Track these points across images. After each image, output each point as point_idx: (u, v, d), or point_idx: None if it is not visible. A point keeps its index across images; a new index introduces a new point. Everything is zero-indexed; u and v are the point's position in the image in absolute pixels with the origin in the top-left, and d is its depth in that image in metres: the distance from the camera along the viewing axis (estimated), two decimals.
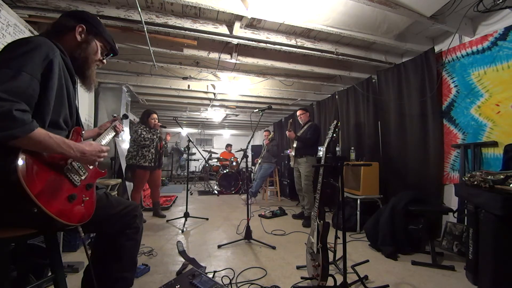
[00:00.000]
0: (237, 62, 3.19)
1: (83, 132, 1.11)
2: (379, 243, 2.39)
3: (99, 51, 1.15)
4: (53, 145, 0.84)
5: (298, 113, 3.74)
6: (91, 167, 1.07)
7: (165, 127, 3.59)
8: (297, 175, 3.56)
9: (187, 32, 2.49)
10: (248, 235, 2.60)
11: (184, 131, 4.19)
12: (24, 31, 2.18)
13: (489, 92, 2.30)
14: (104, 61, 1.19)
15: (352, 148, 3.73)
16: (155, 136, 3.37)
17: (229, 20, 2.54)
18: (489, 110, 2.30)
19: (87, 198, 1.01)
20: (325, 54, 2.99)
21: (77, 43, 1.06)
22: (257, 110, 2.87)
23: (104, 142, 1.30)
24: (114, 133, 1.43)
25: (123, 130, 1.53)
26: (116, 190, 3.54)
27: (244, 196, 5.26)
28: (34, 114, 0.83)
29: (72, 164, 0.97)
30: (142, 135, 3.26)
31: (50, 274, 1.07)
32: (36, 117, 0.83)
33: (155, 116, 3.44)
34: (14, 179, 0.74)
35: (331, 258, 1.88)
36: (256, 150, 7.67)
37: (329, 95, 4.79)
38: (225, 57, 3.09)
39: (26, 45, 0.86)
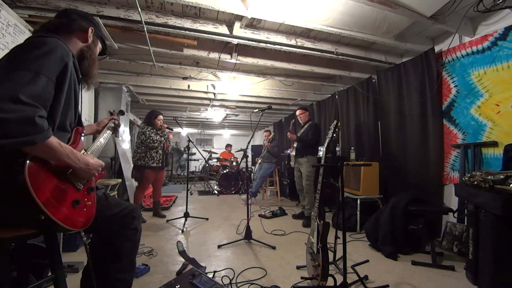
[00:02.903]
0: (237, 62, 3.19)
1: (83, 132, 1.11)
2: (379, 243, 2.39)
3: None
4: (62, 154, 0.85)
5: (297, 112, 3.73)
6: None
7: (171, 130, 3.60)
8: (298, 175, 3.55)
9: (187, 32, 2.49)
10: (248, 235, 2.60)
11: (184, 131, 4.19)
12: (24, 31, 2.18)
13: (489, 92, 2.30)
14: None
15: (352, 148, 3.73)
16: (162, 138, 3.41)
17: (229, 20, 2.54)
18: (489, 110, 2.30)
19: (90, 202, 1.02)
20: (325, 54, 2.99)
21: (87, 44, 1.10)
22: (257, 110, 2.87)
23: (102, 142, 1.29)
24: (112, 131, 1.43)
25: (120, 125, 1.52)
26: (116, 190, 3.54)
27: (244, 196, 5.26)
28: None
29: None
30: (151, 138, 3.31)
31: (50, 274, 1.07)
32: (48, 120, 0.82)
33: (161, 117, 3.50)
34: (23, 187, 0.74)
35: (331, 258, 1.88)
36: (256, 150, 7.68)
37: (329, 95, 4.79)
38: (225, 57, 3.09)
39: (42, 47, 0.86)
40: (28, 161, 0.76)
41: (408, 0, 2.06)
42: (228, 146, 8.21)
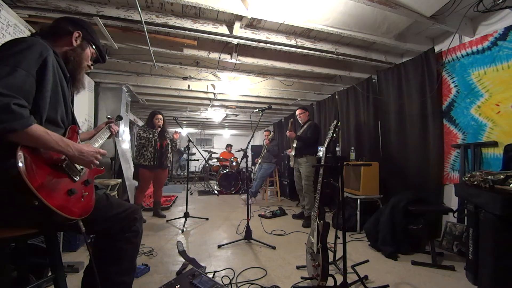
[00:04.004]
0: (237, 62, 3.19)
1: (79, 130, 1.11)
2: (379, 243, 2.39)
3: (90, 57, 1.21)
4: (51, 142, 0.86)
5: (297, 112, 3.73)
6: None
7: (161, 127, 3.54)
8: (297, 175, 3.55)
9: (187, 32, 2.49)
10: (248, 235, 2.60)
11: (184, 131, 4.19)
12: (24, 31, 2.18)
13: (489, 92, 2.30)
14: (92, 66, 1.24)
15: (352, 148, 3.73)
16: (151, 135, 3.39)
17: (229, 20, 2.54)
18: (489, 110, 2.30)
19: (87, 193, 1.03)
20: (325, 54, 2.99)
21: (72, 47, 1.11)
22: (257, 110, 2.87)
23: (100, 142, 1.30)
24: (109, 134, 1.43)
25: (118, 131, 1.52)
26: (116, 190, 3.54)
27: (244, 196, 5.26)
28: (31, 110, 0.84)
29: None
30: (139, 134, 3.37)
31: (50, 274, 1.07)
32: (34, 113, 0.85)
33: (159, 116, 3.51)
34: (15, 172, 0.75)
35: (331, 258, 1.89)
36: (256, 150, 7.67)
37: (329, 95, 4.79)
38: (225, 57, 3.09)
39: (20, 44, 0.89)
40: (20, 150, 0.78)
41: (408, 0, 2.06)
42: (229, 146, 8.21)
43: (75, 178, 0.98)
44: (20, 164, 0.76)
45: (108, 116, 1.52)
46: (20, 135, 0.78)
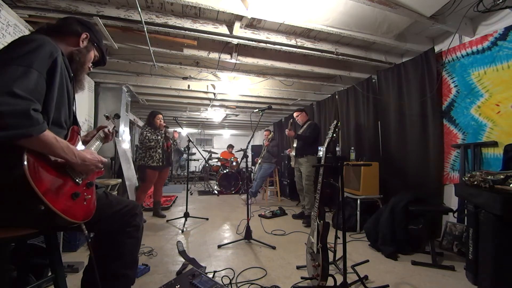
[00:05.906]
0: (237, 62, 3.19)
1: (80, 131, 1.11)
2: (379, 243, 2.39)
3: (92, 59, 1.21)
4: (58, 149, 0.85)
5: (294, 114, 3.75)
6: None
7: (167, 127, 3.63)
8: (298, 175, 3.56)
9: (187, 32, 2.49)
10: (248, 235, 2.60)
11: (184, 131, 4.19)
12: (24, 31, 2.18)
13: (489, 92, 2.30)
14: (91, 68, 1.24)
15: (352, 148, 3.73)
16: (159, 137, 3.42)
17: (229, 20, 2.54)
18: (489, 110, 2.30)
19: (89, 196, 1.02)
20: (325, 54, 2.99)
21: (78, 48, 1.11)
22: (257, 110, 2.87)
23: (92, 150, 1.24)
24: (101, 142, 1.29)
25: (116, 130, 1.48)
26: (116, 190, 3.54)
27: (244, 196, 5.26)
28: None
29: None
30: (147, 137, 3.35)
31: (50, 274, 1.07)
32: (42, 115, 0.83)
33: (160, 116, 3.53)
34: (22, 177, 0.74)
35: (331, 258, 1.89)
36: (256, 150, 7.67)
37: (329, 95, 4.79)
38: (225, 57, 3.09)
39: (31, 43, 0.87)
40: (26, 154, 0.77)
41: (408, 0, 2.06)
42: (230, 147, 8.19)
43: (78, 181, 0.97)
44: (26, 169, 0.75)
45: (106, 114, 1.50)
46: (32, 141, 0.77)
